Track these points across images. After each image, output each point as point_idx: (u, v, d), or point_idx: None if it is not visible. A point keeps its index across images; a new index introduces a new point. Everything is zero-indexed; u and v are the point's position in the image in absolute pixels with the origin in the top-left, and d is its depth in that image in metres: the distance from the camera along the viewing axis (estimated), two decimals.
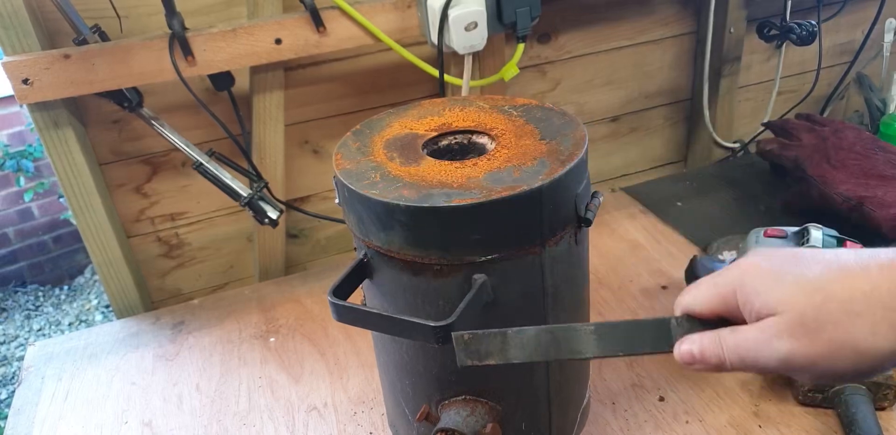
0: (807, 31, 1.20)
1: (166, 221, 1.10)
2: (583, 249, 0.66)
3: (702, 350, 0.47)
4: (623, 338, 0.49)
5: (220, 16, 0.98)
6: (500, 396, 0.65)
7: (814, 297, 0.43)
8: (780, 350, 0.43)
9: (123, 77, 0.91)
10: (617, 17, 1.21)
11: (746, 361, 0.45)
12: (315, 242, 1.21)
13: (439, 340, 0.54)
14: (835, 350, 0.42)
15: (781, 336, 0.43)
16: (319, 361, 0.93)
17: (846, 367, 0.42)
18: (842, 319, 0.42)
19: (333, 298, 0.58)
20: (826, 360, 0.43)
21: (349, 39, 0.99)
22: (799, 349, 0.43)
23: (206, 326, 1.02)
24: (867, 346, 0.42)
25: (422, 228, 0.56)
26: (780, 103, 1.38)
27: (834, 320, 0.42)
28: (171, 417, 0.86)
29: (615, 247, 1.10)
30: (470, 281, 0.57)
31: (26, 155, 2.81)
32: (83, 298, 2.94)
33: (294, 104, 1.07)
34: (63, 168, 0.95)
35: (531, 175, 0.57)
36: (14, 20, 0.85)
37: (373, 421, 0.83)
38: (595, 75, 1.25)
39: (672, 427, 0.78)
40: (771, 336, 0.44)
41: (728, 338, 0.46)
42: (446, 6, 0.96)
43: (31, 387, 0.94)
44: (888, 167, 1.03)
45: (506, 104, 0.70)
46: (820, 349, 0.43)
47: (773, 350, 0.44)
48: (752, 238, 0.85)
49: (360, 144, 0.65)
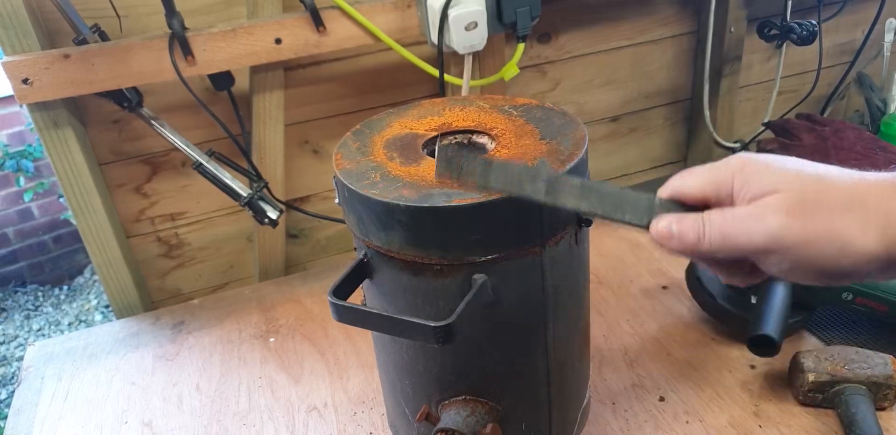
0: (807, 30, 1.20)
1: (166, 221, 1.10)
2: (583, 249, 0.65)
3: (680, 225, 0.46)
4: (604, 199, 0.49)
5: (220, 16, 0.98)
6: (500, 396, 0.65)
7: (817, 183, 0.44)
8: (771, 224, 0.43)
9: (123, 77, 0.91)
10: (617, 17, 1.20)
11: (728, 238, 0.44)
12: (315, 242, 1.21)
13: (439, 340, 0.54)
14: (825, 236, 0.42)
15: (778, 211, 0.43)
16: (319, 361, 0.93)
17: (829, 258, 0.42)
18: (839, 208, 0.42)
19: (333, 298, 0.57)
20: (813, 244, 0.42)
21: (349, 39, 0.99)
22: (792, 226, 0.43)
23: (206, 326, 1.02)
24: (854, 241, 0.42)
25: (422, 228, 0.56)
26: (781, 103, 1.38)
27: (831, 208, 0.42)
28: (171, 417, 0.86)
29: (615, 247, 1.10)
30: (470, 281, 0.57)
31: (26, 155, 2.80)
32: (83, 298, 2.94)
33: (294, 104, 1.07)
34: (63, 168, 0.95)
35: None
36: (14, 20, 0.85)
37: (373, 421, 0.83)
38: (595, 75, 1.25)
39: (672, 427, 0.78)
40: (765, 211, 0.43)
41: (714, 215, 0.46)
42: (446, 6, 0.96)
43: (30, 387, 0.94)
44: (889, 167, 1.03)
45: (506, 104, 0.70)
46: (812, 231, 0.42)
47: (765, 223, 0.43)
48: None
49: (360, 144, 0.65)
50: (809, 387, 0.77)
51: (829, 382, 0.76)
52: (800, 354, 0.79)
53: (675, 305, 0.97)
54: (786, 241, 0.43)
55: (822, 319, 0.93)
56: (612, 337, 0.92)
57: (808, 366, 0.77)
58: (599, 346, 0.90)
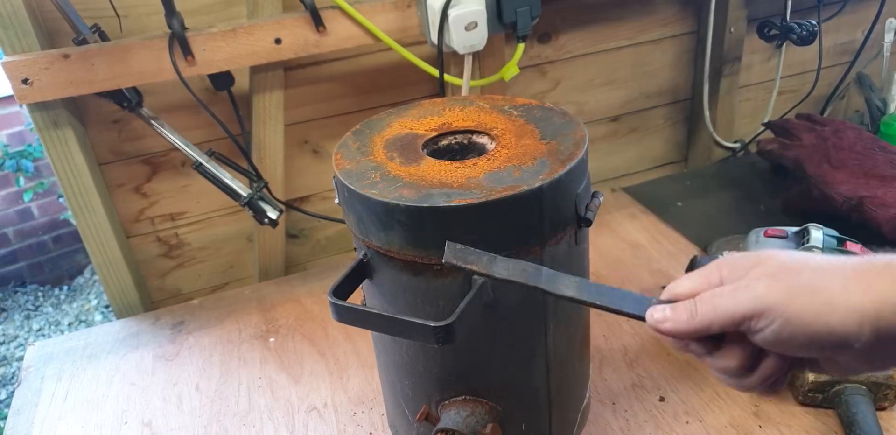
0: (807, 30, 1.20)
1: (166, 221, 1.10)
2: (583, 249, 0.65)
3: (673, 309, 0.48)
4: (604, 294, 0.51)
5: (220, 15, 0.98)
6: (500, 396, 0.65)
7: (797, 255, 0.47)
8: (756, 289, 0.45)
9: (123, 77, 0.91)
10: (617, 17, 1.20)
11: (718, 308, 0.45)
12: (315, 242, 1.21)
13: (439, 340, 0.54)
14: (808, 290, 0.43)
15: (761, 278, 0.45)
16: (319, 362, 0.93)
17: (816, 315, 0.43)
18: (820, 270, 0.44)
19: (333, 298, 0.57)
20: (798, 299, 0.43)
21: (349, 39, 0.99)
22: (776, 286, 0.44)
23: (206, 326, 1.02)
24: (838, 296, 0.43)
25: (422, 227, 0.56)
26: (781, 103, 1.38)
27: (812, 269, 0.45)
28: (171, 418, 0.86)
29: (615, 247, 1.10)
30: (470, 281, 0.57)
31: (26, 155, 2.80)
32: (83, 298, 2.94)
33: (294, 104, 1.07)
34: (63, 168, 0.95)
35: (531, 175, 0.57)
36: (14, 20, 0.85)
37: (373, 421, 0.83)
38: (595, 75, 1.25)
39: (672, 427, 0.78)
40: (750, 281, 0.45)
41: (704, 294, 0.47)
42: (446, 6, 0.96)
43: (30, 387, 0.94)
44: (888, 167, 1.03)
45: (506, 104, 0.70)
46: (795, 286, 0.44)
47: (750, 290, 0.45)
48: (752, 238, 0.85)
49: (360, 144, 0.65)
50: (809, 387, 0.77)
51: (829, 382, 0.76)
52: None
53: None
54: (770, 298, 0.44)
55: None
56: (612, 337, 0.92)
57: None
58: (599, 346, 0.90)
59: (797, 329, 0.43)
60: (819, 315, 0.43)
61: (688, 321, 0.47)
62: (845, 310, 0.42)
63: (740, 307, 0.45)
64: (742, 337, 0.46)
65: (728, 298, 0.46)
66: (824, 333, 0.43)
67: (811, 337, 0.43)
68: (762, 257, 0.47)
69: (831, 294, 0.43)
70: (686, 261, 0.95)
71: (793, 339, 0.44)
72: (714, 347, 0.48)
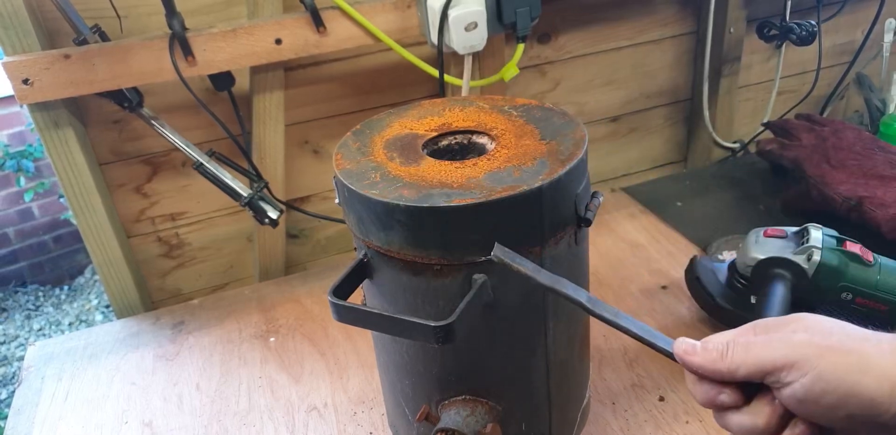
0: (807, 31, 1.20)
1: (166, 221, 1.10)
2: (583, 249, 0.66)
3: (704, 343, 0.48)
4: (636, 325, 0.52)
5: (220, 16, 0.98)
6: (500, 396, 0.65)
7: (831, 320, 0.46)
8: (791, 340, 0.44)
9: (123, 77, 0.91)
10: (617, 17, 1.21)
11: (751, 352, 0.45)
12: (315, 242, 1.21)
13: (439, 340, 0.54)
14: (842, 353, 0.43)
15: (797, 332, 0.45)
16: (319, 361, 0.93)
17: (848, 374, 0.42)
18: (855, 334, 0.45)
19: (333, 298, 0.58)
20: (832, 359, 0.43)
21: (349, 39, 0.99)
22: (812, 341, 0.44)
23: (206, 326, 1.02)
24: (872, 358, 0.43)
25: (422, 227, 0.56)
26: (780, 103, 1.38)
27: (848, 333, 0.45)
28: (171, 417, 0.86)
29: (615, 247, 1.10)
30: (470, 281, 0.57)
31: (26, 155, 2.80)
32: (83, 298, 2.94)
33: (294, 104, 1.07)
34: (63, 168, 0.95)
35: (531, 175, 0.57)
36: (14, 20, 0.85)
37: (373, 421, 0.83)
38: (595, 75, 1.25)
39: (672, 427, 0.78)
40: (787, 333, 0.45)
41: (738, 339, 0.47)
42: (446, 6, 0.96)
43: (31, 387, 0.94)
44: (888, 167, 1.03)
45: (506, 104, 0.70)
46: (830, 348, 0.43)
47: (786, 341, 0.45)
48: (752, 238, 0.85)
49: (360, 144, 0.65)
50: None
51: None
52: None
53: (674, 304, 0.97)
54: (804, 351, 0.43)
55: None
56: (612, 337, 0.92)
57: None
58: (599, 346, 0.90)
59: (828, 386, 0.43)
60: (851, 374, 0.42)
61: (715, 360, 0.46)
62: (879, 374, 0.42)
63: (773, 355, 0.44)
64: (773, 395, 0.46)
65: (762, 345, 0.45)
66: (854, 393, 0.42)
67: (841, 397, 0.42)
68: (798, 317, 0.47)
69: (864, 356, 0.43)
70: (686, 261, 0.95)
71: (823, 397, 0.43)
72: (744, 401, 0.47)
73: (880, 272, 0.82)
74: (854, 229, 0.91)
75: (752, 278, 0.84)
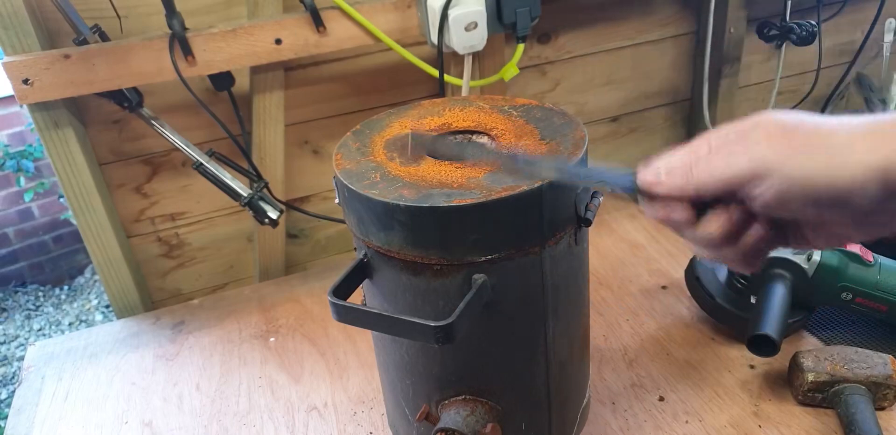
0: (807, 31, 1.20)
1: (166, 221, 1.10)
2: (583, 249, 0.66)
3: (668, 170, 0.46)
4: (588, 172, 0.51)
5: (220, 16, 0.98)
6: (500, 396, 0.65)
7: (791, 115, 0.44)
8: (754, 150, 0.43)
9: (123, 77, 0.91)
10: (617, 17, 1.21)
11: (715, 171, 0.44)
12: (315, 242, 1.21)
13: (439, 339, 0.54)
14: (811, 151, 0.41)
15: (760, 139, 0.43)
16: (319, 361, 0.93)
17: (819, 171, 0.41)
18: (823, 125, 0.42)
19: (333, 298, 0.58)
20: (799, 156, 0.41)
21: (349, 39, 0.99)
22: (775, 146, 0.42)
23: (206, 326, 1.02)
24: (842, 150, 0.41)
25: (421, 227, 0.56)
26: (781, 103, 1.38)
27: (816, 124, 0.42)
28: (171, 417, 0.86)
29: (615, 247, 1.10)
30: (470, 281, 0.57)
31: (26, 155, 2.80)
32: (83, 298, 2.94)
33: (294, 104, 1.07)
34: (63, 168, 0.95)
35: None
36: (14, 20, 0.85)
37: (373, 421, 0.83)
38: (595, 75, 1.25)
39: (672, 427, 0.78)
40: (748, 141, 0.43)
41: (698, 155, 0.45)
42: (446, 6, 0.96)
43: (31, 387, 0.94)
44: None
45: (506, 104, 0.70)
46: (796, 145, 0.42)
47: (748, 152, 0.43)
48: None
49: (360, 144, 0.65)
50: (809, 387, 0.77)
51: (829, 381, 0.76)
52: (799, 354, 0.79)
53: (674, 304, 0.97)
54: (769, 159, 0.42)
55: (822, 319, 0.93)
56: (611, 337, 0.92)
57: (808, 366, 0.77)
58: (599, 346, 0.90)
59: (799, 193, 0.42)
60: (823, 172, 0.41)
61: (682, 185, 0.45)
62: (853, 165, 0.40)
63: (738, 169, 0.43)
64: (727, 205, 0.45)
65: (724, 161, 0.44)
66: (828, 191, 0.41)
67: (811, 196, 0.42)
68: (754, 121, 0.44)
69: (835, 151, 0.41)
70: (686, 261, 0.95)
71: (792, 200, 0.42)
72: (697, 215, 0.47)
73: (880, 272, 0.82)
74: None
75: (751, 278, 0.84)
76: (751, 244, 0.47)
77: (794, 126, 0.43)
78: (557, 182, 0.50)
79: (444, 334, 0.53)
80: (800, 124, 0.43)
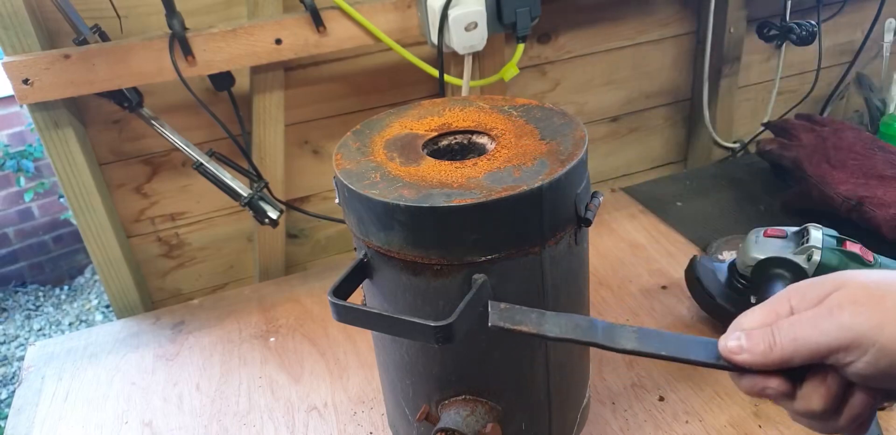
0: (807, 31, 1.20)
1: (166, 221, 1.10)
2: (583, 249, 0.66)
3: (749, 337, 0.44)
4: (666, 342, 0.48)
5: (220, 16, 0.98)
6: (500, 396, 0.65)
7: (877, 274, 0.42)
8: (840, 318, 0.41)
9: (123, 77, 0.91)
10: (617, 17, 1.21)
11: (799, 340, 0.42)
12: (315, 242, 1.21)
13: (439, 339, 0.54)
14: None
15: (845, 304, 0.41)
16: (319, 361, 0.93)
17: None
18: None
19: (333, 298, 0.57)
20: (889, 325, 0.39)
21: (349, 39, 0.99)
22: (863, 313, 0.40)
23: (206, 326, 1.02)
24: None
25: (421, 227, 0.56)
26: (780, 103, 1.38)
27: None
28: (171, 417, 0.86)
29: (615, 247, 1.10)
30: (470, 281, 0.57)
31: (26, 155, 2.81)
32: (83, 298, 2.94)
33: (294, 104, 1.07)
34: (63, 168, 0.96)
35: (531, 175, 0.57)
36: (14, 20, 0.85)
37: (373, 421, 0.83)
38: (595, 75, 1.25)
39: (672, 427, 0.78)
40: (832, 307, 0.41)
41: (782, 322, 0.43)
42: (446, 6, 0.96)
43: (31, 387, 0.94)
44: (888, 167, 1.03)
45: (506, 104, 0.70)
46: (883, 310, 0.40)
47: (834, 319, 0.41)
48: (752, 238, 0.85)
49: (360, 144, 0.65)
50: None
51: None
52: None
53: (674, 304, 0.97)
54: (859, 328, 0.40)
55: None
56: None
57: None
58: None
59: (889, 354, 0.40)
60: None
61: (765, 353, 0.43)
62: None
63: (825, 338, 0.41)
64: (824, 374, 0.43)
65: (810, 327, 0.42)
66: None
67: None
68: (838, 282, 0.43)
69: None
70: (686, 261, 0.95)
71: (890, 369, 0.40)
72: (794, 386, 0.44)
73: None
74: (854, 229, 0.91)
75: (752, 278, 0.84)
76: (857, 413, 0.44)
77: (881, 291, 0.41)
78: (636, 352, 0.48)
79: (444, 334, 0.53)
80: (887, 288, 0.41)
